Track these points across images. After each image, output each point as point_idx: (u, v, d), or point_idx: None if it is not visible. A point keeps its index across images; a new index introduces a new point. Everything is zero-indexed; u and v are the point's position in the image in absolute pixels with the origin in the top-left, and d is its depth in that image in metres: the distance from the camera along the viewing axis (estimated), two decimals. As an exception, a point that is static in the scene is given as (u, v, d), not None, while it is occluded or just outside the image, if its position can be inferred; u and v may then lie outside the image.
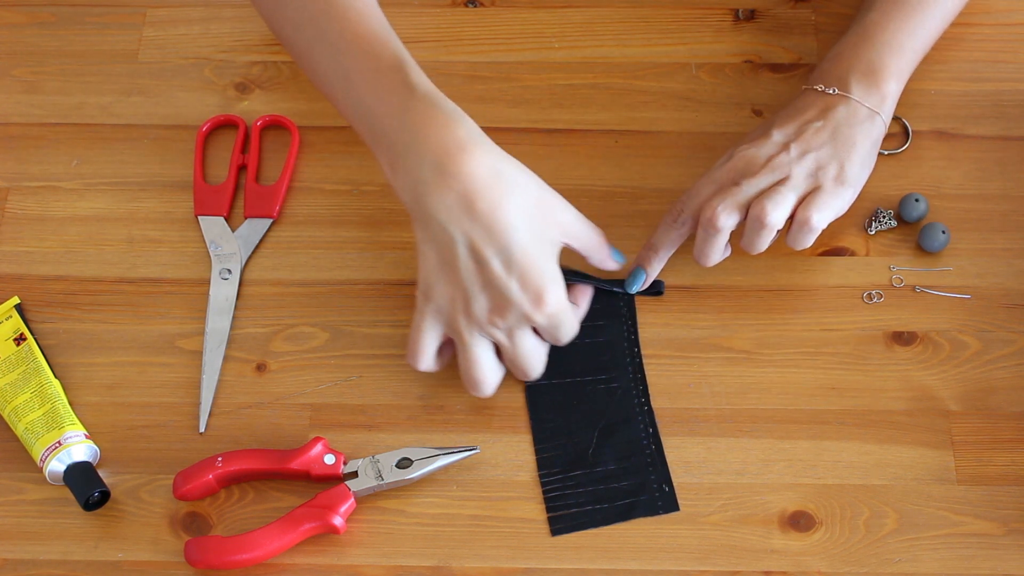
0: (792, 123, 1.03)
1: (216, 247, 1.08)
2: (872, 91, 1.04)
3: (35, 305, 1.06)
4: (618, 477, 0.99)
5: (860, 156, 1.02)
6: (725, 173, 1.02)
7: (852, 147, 1.02)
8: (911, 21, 1.07)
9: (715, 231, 1.00)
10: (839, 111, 1.03)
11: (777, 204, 0.99)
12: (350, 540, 0.97)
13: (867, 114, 1.03)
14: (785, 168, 1.01)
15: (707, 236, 1.01)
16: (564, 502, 0.98)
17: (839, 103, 1.03)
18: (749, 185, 1.00)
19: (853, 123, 1.03)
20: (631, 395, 1.02)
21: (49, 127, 1.14)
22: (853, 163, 1.02)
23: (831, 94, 1.04)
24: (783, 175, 1.00)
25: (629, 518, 0.98)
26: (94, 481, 0.98)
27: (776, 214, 0.99)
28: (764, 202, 0.99)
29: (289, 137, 1.13)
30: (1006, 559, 0.96)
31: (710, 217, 1.00)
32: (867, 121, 1.03)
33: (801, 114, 1.04)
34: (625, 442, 1.00)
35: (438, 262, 0.97)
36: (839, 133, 1.02)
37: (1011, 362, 1.02)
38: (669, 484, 0.99)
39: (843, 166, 1.01)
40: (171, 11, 1.19)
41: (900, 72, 1.06)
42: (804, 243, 1.02)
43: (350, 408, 1.02)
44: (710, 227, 1.00)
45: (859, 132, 1.03)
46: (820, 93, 1.04)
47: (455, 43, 1.17)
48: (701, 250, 1.02)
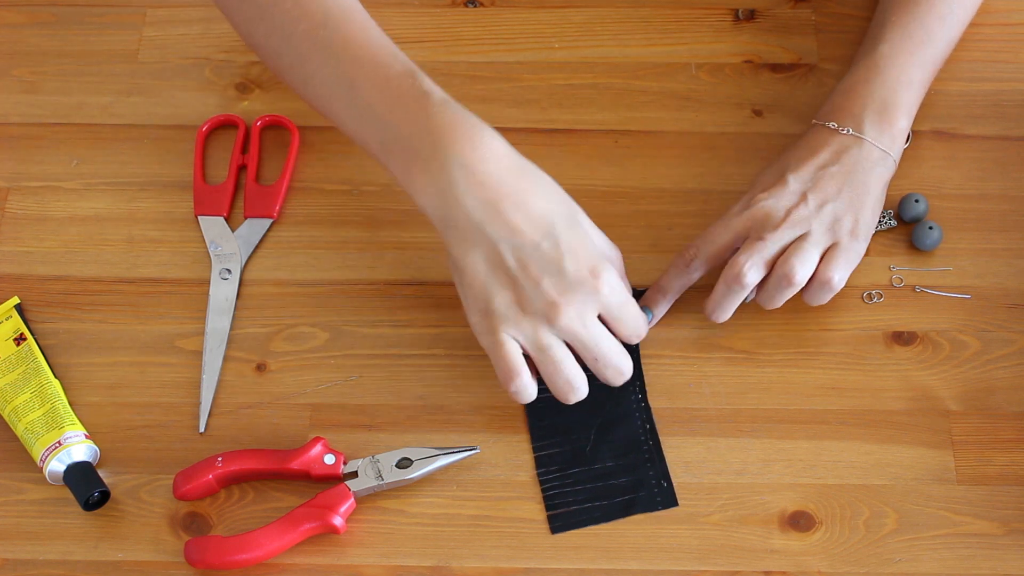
0: (807, 167, 1.02)
1: (216, 247, 1.08)
2: (885, 131, 1.04)
3: (35, 305, 1.06)
4: (616, 474, 0.99)
5: (872, 204, 1.03)
6: (742, 222, 1.01)
7: (866, 196, 1.02)
8: (920, 54, 1.07)
9: (740, 287, 1.00)
10: (852, 154, 1.03)
11: (804, 262, 0.99)
12: (350, 540, 0.97)
13: (880, 156, 1.03)
14: (806, 223, 1.00)
15: (730, 291, 1.00)
16: (563, 500, 0.98)
17: (853, 145, 1.03)
18: (772, 241, 1.00)
19: (867, 167, 1.03)
20: (628, 392, 1.02)
21: (49, 127, 1.14)
22: (866, 215, 1.02)
23: (844, 134, 1.03)
24: (804, 230, 1.00)
25: (628, 514, 0.98)
26: (94, 481, 0.98)
27: (803, 272, 0.99)
28: (792, 261, 0.99)
29: (289, 137, 1.13)
30: (1006, 559, 0.96)
31: (736, 274, 0.99)
32: (880, 164, 1.03)
33: (814, 156, 1.03)
34: (623, 439, 1.00)
35: (488, 268, 0.95)
36: (854, 179, 1.02)
37: (1011, 362, 1.02)
38: (667, 480, 0.99)
39: (857, 220, 1.01)
40: (171, 11, 1.19)
41: (911, 108, 1.06)
42: (822, 300, 1.02)
43: (350, 408, 1.02)
44: (735, 283, 1.00)
45: (872, 178, 1.03)
46: (833, 132, 1.04)
47: (455, 43, 1.17)
48: (719, 304, 1.01)
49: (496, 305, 0.95)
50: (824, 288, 1.00)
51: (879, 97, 1.05)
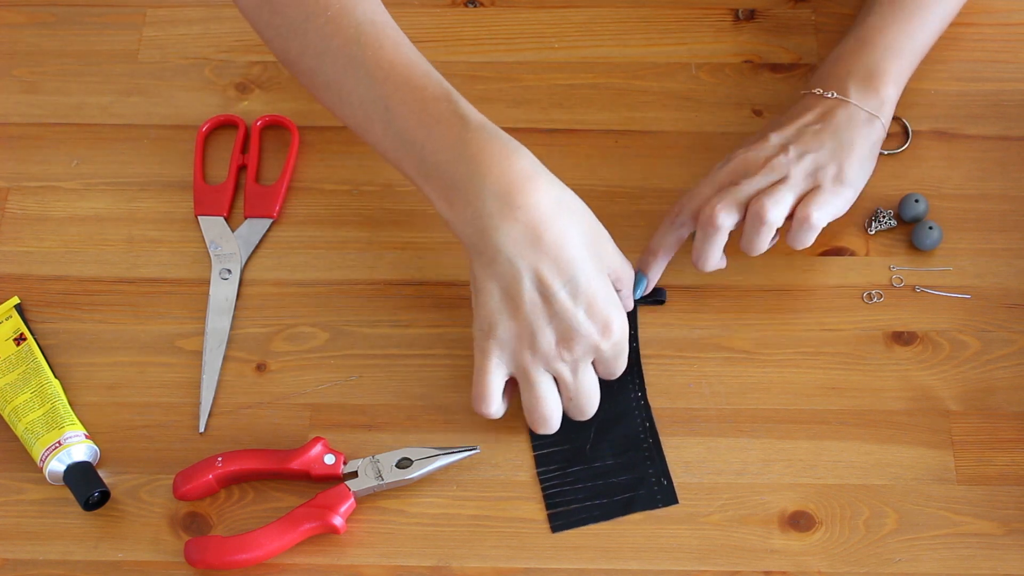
0: (791, 126, 1.03)
1: (216, 247, 1.08)
2: (871, 95, 1.04)
3: (35, 305, 1.06)
4: (616, 472, 0.99)
5: (859, 157, 1.02)
6: (724, 175, 1.02)
7: (851, 148, 1.02)
8: (910, 24, 1.07)
9: (714, 230, 1.00)
10: (838, 115, 1.03)
11: (776, 202, 0.99)
12: (350, 540, 0.97)
13: (866, 118, 1.03)
14: (784, 168, 1.01)
15: (706, 236, 1.01)
16: (563, 499, 0.98)
17: (838, 107, 1.03)
18: (748, 184, 1.00)
19: (852, 126, 1.03)
20: (627, 389, 1.02)
21: (49, 127, 1.14)
22: (852, 164, 1.02)
23: (830, 98, 1.04)
24: (782, 175, 1.00)
25: (628, 512, 0.98)
26: (94, 481, 0.98)
27: (775, 211, 0.99)
28: (763, 199, 0.99)
29: (289, 137, 1.13)
30: (1006, 559, 0.96)
31: (709, 216, 1.00)
32: (866, 124, 1.03)
33: (799, 117, 1.04)
34: (622, 437, 1.00)
35: (502, 297, 0.95)
36: (838, 135, 1.02)
37: (1011, 362, 1.02)
38: (667, 477, 0.99)
39: (842, 166, 1.01)
40: (171, 11, 1.19)
41: (899, 76, 1.06)
42: (804, 242, 1.02)
43: (350, 408, 1.02)
44: (709, 226, 1.00)
45: (858, 135, 1.03)
46: (819, 97, 1.04)
47: (455, 43, 1.17)
48: (700, 251, 1.02)
49: (499, 332, 0.96)
50: (803, 227, 1.00)
51: (865, 64, 1.05)
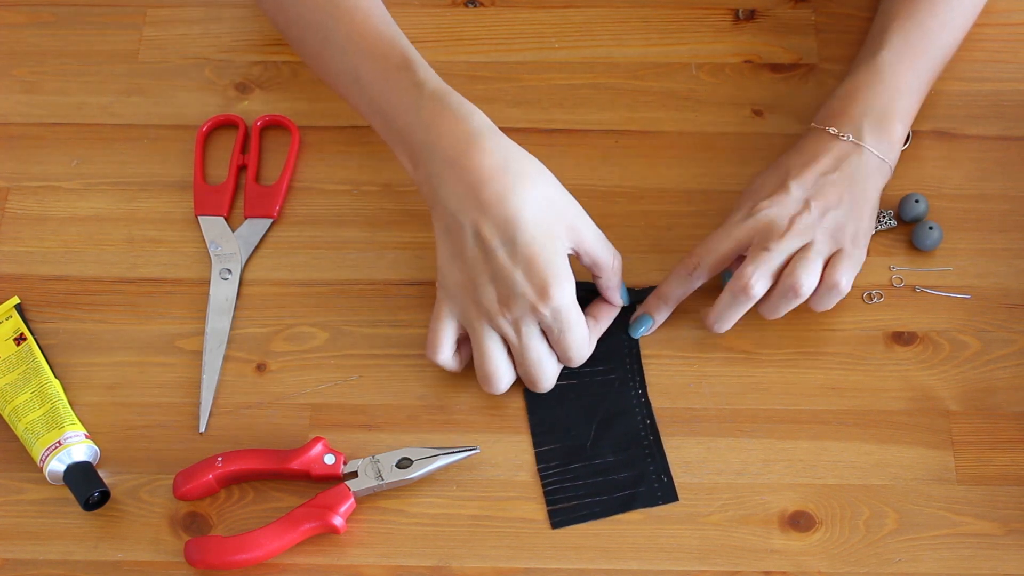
0: (808, 174, 1.02)
1: (216, 247, 1.08)
2: (883, 138, 1.04)
3: (35, 305, 1.06)
4: (617, 469, 0.99)
5: (870, 211, 1.03)
6: (746, 232, 1.01)
7: (865, 203, 1.02)
8: (920, 61, 1.07)
9: (747, 298, 1.00)
10: (852, 162, 1.03)
11: (810, 273, 0.99)
12: (350, 540, 0.97)
13: (877, 164, 1.03)
14: (810, 232, 1.00)
15: (735, 303, 1.00)
16: (564, 495, 0.98)
17: (852, 153, 1.03)
18: (778, 251, 1.00)
19: (866, 174, 1.03)
20: (628, 386, 1.02)
21: (49, 127, 1.14)
22: (865, 222, 1.02)
23: (844, 140, 1.04)
24: (808, 239, 1.00)
25: (629, 509, 0.98)
26: (94, 481, 0.98)
27: (810, 283, 0.99)
28: (799, 272, 0.99)
29: (289, 137, 1.13)
30: (1006, 559, 0.96)
31: (744, 285, 0.99)
32: (877, 172, 1.04)
33: (815, 162, 1.03)
34: (623, 434, 1.00)
35: (450, 252, 0.98)
36: (854, 187, 1.02)
37: (1011, 362, 1.02)
38: (668, 474, 0.99)
39: (859, 227, 1.02)
40: (171, 11, 1.19)
41: (908, 115, 1.06)
42: (829, 305, 1.01)
43: (350, 408, 1.02)
44: (742, 294, 1.00)
45: (871, 185, 1.03)
46: (833, 137, 1.04)
47: (455, 43, 1.17)
48: (723, 315, 1.01)
49: (448, 283, 0.98)
50: (832, 292, 1.00)
51: (879, 104, 1.05)
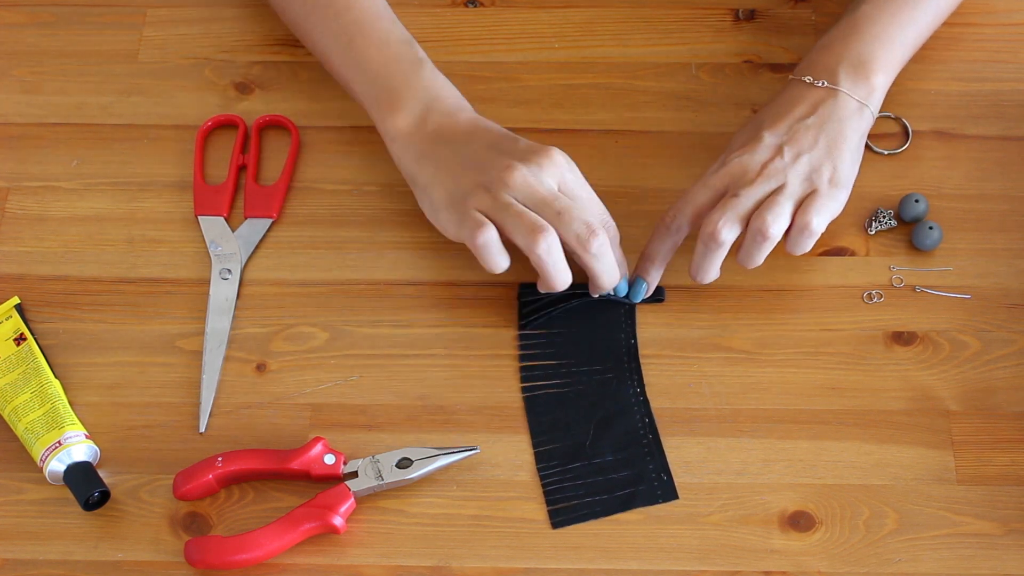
0: (783, 122, 1.03)
1: (216, 247, 1.08)
2: (861, 83, 1.04)
3: (35, 305, 1.06)
4: (616, 468, 0.99)
5: (851, 153, 1.02)
6: (719, 179, 1.02)
7: (843, 144, 1.02)
8: (902, 15, 1.07)
9: (716, 245, 1.00)
10: (828, 105, 1.03)
11: (777, 216, 0.99)
12: (350, 540, 0.97)
13: (856, 107, 1.03)
14: (781, 175, 1.00)
15: (707, 251, 1.00)
16: (564, 495, 0.99)
17: (828, 97, 1.03)
18: (747, 196, 1.00)
19: (843, 117, 1.03)
20: (626, 385, 1.02)
21: (49, 127, 1.14)
22: (845, 162, 1.02)
23: (820, 87, 1.04)
24: (779, 182, 1.00)
25: (629, 508, 0.98)
26: (94, 481, 0.98)
27: (777, 225, 0.99)
28: (765, 215, 0.99)
29: (289, 137, 1.13)
30: (1006, 559, 0.96)
31: (712, 232, 0.99)
32: (856, 115, 1.03)
33: (790, 110, 1.03)
34: (622, 433, 1.00)
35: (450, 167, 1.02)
36: (829, 129, 1.02)
37: (1011, 362, 1.02)
38: (667, 473, 0.99)
39: (836, 167, 1.01)
40: (171, 11, 1.19)
41: (890, 65, 1.06)
42: (804, 247, 1.01)
43: (350, 408, 1.02)
44: (711, 241, 1.00)
45: (849, 127, 1.03)
46: (808, 85, 1.04)
47: (455, 43, 1.17)
48: (700, 266, 1.01)
49: (459, 192, 1.01)
50: (803, 233, 1.00)
51: (855, 52, 1.05)
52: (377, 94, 1.06)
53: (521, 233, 0.98)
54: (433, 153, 1.03)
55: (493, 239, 0.99)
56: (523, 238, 0.98)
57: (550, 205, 0.99)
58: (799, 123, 1.02)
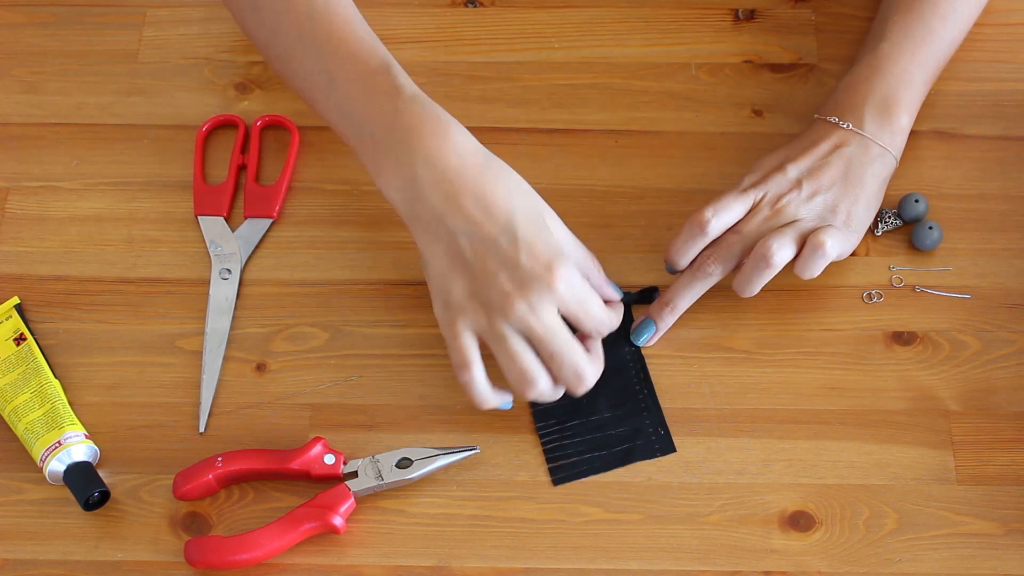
0: (806, 158, 1.03)
1: (216, 247, 1.08)
2: (885, 127, 1.04)
3: (35, 305, 1.06)
4: (614, 424, 1.00)
5: (867, 199, 1.03)
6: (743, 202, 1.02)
7: (860, 189, 1.02)
8: (921, 52, 1.07)
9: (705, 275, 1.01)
10: (851, 148, 1.03)
11: (783, 245, 0.99)
12: (350, 540, 0.97)
13: (878, 152, 1.04)
14: (794, 211, 1.01)
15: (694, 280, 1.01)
16: (563, 452, 0.99)
17: (852, 140, 1.03)
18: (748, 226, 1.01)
19: (864, 162, 1.03)
20: (618, 344, 1.02)
21: (49, 127, 1.14)
22: (859, 208, 1.02)
23: (844, 128, 1.04)
24: (792, 217, 1.01)
25: (628, 462, 0.99)
26: (94, 481, 0.98)
27: (782, 254, 0.99)
28: (770, 241, 0.99)
29: (289, 137, 1.13)
30: (1006, 559, 0.96)
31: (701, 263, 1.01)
32: (878, 160, 1.04)
33: (814, 147, 1.03)
34: (618, 389, 1.01)
35: (447, 260, 0.96)
36: (850, 173, 1.02)
37: (1011, 362, 1.03)
38: (664, 427, 1.00)
39: (851, 211, 1.02)
40: (171, 11, 1.19)
41: (912, 105, 1.06)
42: (814, 269, 1.01)
43: (350, 408, 1.02)
44: (700, 272, 1.01)
45: (868, 172, 1.03)
46: (834, 126, 1.04)
47: (455, 43, 1.17)
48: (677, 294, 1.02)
49: (455, 296, 0.96)
50: (816, 253, 0.99)
51: (880, 94, 1.05)
52: (364, 144, 0.99)
53: (512, 377, 0.96)
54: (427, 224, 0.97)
55: (478, 380, 0.96)
56: (513, 382, 0.96)
57: (545, 346, 0.95)
58: (821, 161, 1.03)
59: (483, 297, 0.95)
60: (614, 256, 1.06)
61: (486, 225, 0.95)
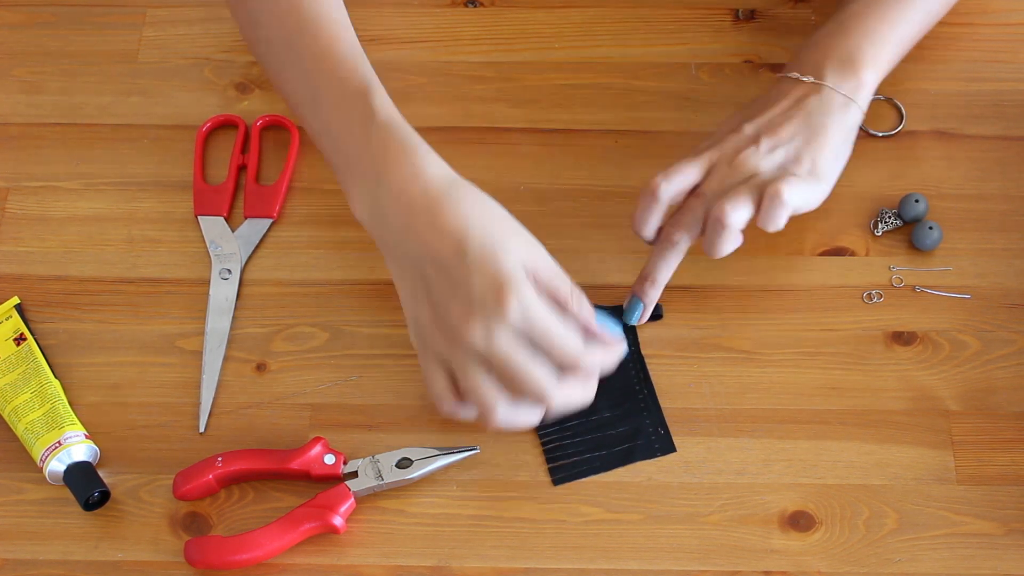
0: (764, 114, 1.02)
1: (216, 247, 1.08)
2: (848, 78, 1.02)
3: (35, 305, 1.06)
4: (613, 424, 1.00)
5: (833, 147, 1.01)
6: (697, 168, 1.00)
7: (824, 137, 1.00)
8: (892, 13, 1.05)
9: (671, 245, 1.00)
10: (812, 100, 1.02)
11: (736, 206, 0.97)
12: (350, 540, 0.97)
13: (842, 102, 1.02)
14: (752, 165, 0.99)
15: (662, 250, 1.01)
16: (563, 452, 0.99)
17: (813, 92, 1.02)
18: (710, 187, 0.99)
19: (827, 111, 1.01)
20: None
21: (49, 127, 1.14)
22: (826, 156, 1.00)
23: (805, 82, 1.02)
24: (751, 173, 0.99)
25: (629, 462, 0.99)
26: (94, 481, 0.98)
27: (735, 216, 0.97)
28: (724, 204, 0.97)
29: (289, 137, 1.13)
30: (1006, 559, 0.96)
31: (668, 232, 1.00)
32: (841, 109, 1.02)
33: (773, 104, 1.02)
34: (618, 389, 1.01)
35: (411, 286, 0.95)
36: (811, 122, 1.01)
37: (1011, 362, 1.02)
38: (664, 427, 1.00)
39: (815, 160, 1.00)
40: (171, 11, 1.19)
41: (879, 62, 1.04)
42: (775, 220, 0.98)
43: (350, 408, 1.02)
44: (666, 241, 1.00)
45: (832, 121, 1.01)
46: (795, 81, 1.03)
47: (455, 43, 1.17)
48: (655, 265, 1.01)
49: (421, 324, 0.94)
50: (773, 203, 0.97)
51: (843, 48, 1.03)
52: (338, 164, 0.99)
53: (475, 407, 0.94)
54: (390, 252, 0.96)
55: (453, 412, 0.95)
56: (477, 413, 0.94)
57: (503, 369, 0.91)
58: (780, 115, 1.01)
59: (443, 324, 0.93)
60: (614, 256, 1.06)
61: (440, 249, 0.92)
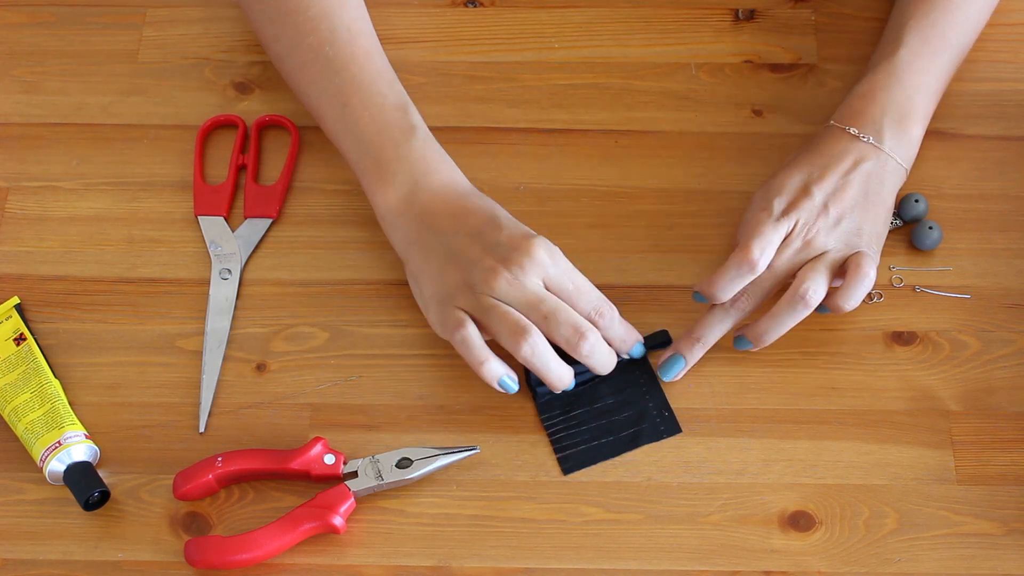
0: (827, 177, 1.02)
1: (216, 247, 1.08)
2: (902, 140, 1.04)
3: (35, 305, 1.06)
4: (618, 410, 1.01)
5: (885, 217, 1.03)
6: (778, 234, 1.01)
7: (880, 208, 1.02)
8: (937, 60, 1.07)
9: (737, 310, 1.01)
10: (869, 164, 1.02)
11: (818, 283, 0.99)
12: (350, 540, 0.97)
13: (894, 167, 1.03)
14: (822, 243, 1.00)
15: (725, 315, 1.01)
16: (571, 441, 1.00)
17: (870, 155, 1.03)
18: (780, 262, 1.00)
19: (883, 179, 1.03)
20: None
21: (49, 127, 1.14)
22: (878, 227, 1.02)
23: (864, 142, 1.03)
24: (823, 248, 1.00)
25: (636, 446, 0.99)
26: (94, 481, 0.98)
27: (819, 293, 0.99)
28: (808, 285, 0.99)
29: (289, 137, 1.13)
30: (1006, 559, 0.96)
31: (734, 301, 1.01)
32: (893, 175, 1.03)
33: (834, 164, 1.02)
34: (618, 376, 1.01)
35: (436, 266, 0.99)
36: (868, 190, 1.02)
37: (1011, 362, 1.03)
38: (668, 409, 1.00)
39: (872, 233, 1.01)
40: (171, 11, 1.19)
41: (926, 116, 1.06)
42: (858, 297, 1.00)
43: (350, 408, 1.02)
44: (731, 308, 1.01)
45: (886, 190, 1.03)
46: (852, 138, 1.04)
47: (455, 43, 1.17)
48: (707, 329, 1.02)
49: (447, 286, 0.99)
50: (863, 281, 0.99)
51: (898, 103, 1.05)
52: (367, 164, 1.04)
53: (504, 335, 0.97)
54: (420, 240, 1.01)
55: (471, 335, 0.97)
56: (507, 339, 0.97)
57: (536, 308, 0.97)
58: (842, 180, 1.02)
59: (470, 281, 0.98)
60: (614, 256, 1.07)
61: (474, 223, 1.00)
